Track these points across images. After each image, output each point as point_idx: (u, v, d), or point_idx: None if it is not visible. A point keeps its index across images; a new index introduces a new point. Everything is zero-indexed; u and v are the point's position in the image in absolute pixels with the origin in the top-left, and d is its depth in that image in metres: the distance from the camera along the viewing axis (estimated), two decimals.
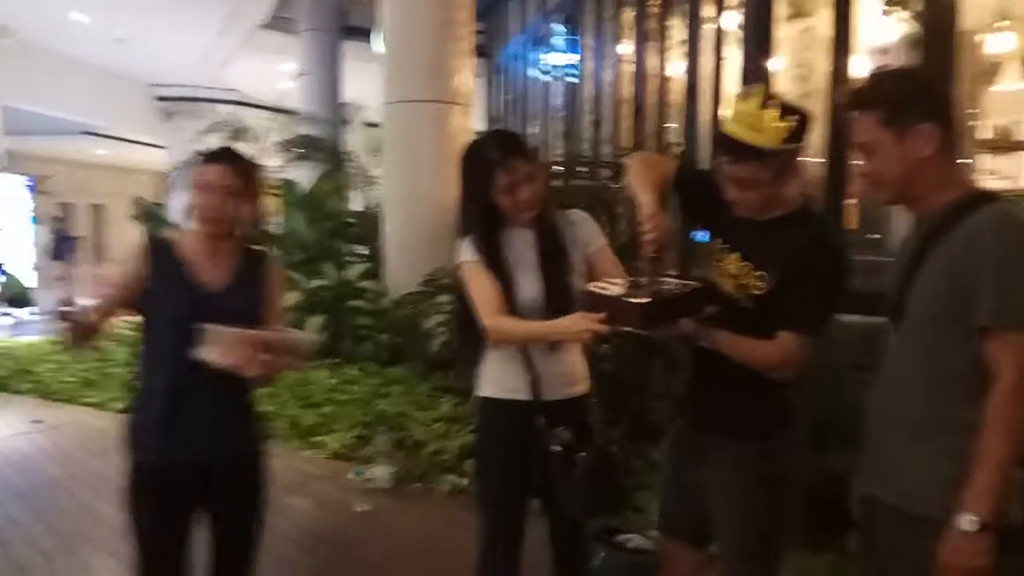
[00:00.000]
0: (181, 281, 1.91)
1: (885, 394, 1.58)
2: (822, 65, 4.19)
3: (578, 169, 5.82)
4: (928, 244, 1.47)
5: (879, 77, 1.62)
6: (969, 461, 1.37)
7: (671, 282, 1.79)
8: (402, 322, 6.12)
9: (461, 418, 4.64)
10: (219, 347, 1.79)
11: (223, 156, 1.98)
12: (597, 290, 1.79)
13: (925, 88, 1.55)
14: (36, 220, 11.73)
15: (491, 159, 1.94)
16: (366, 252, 7.93)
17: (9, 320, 10.93)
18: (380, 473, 4.20)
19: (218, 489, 1.98)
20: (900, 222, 4.17)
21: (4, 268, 11.11)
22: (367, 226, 8.16)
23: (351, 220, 8.38)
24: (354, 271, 6.92)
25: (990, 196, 1.50)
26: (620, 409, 3.47)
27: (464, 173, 2.04)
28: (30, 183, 11.52)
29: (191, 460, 1.91)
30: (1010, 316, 1.36)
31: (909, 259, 1.52)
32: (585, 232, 2.09)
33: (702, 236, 2.05)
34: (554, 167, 6.36)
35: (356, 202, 9.50)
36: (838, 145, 3.79)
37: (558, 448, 1.94)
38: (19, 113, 12.72)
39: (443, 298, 5.35)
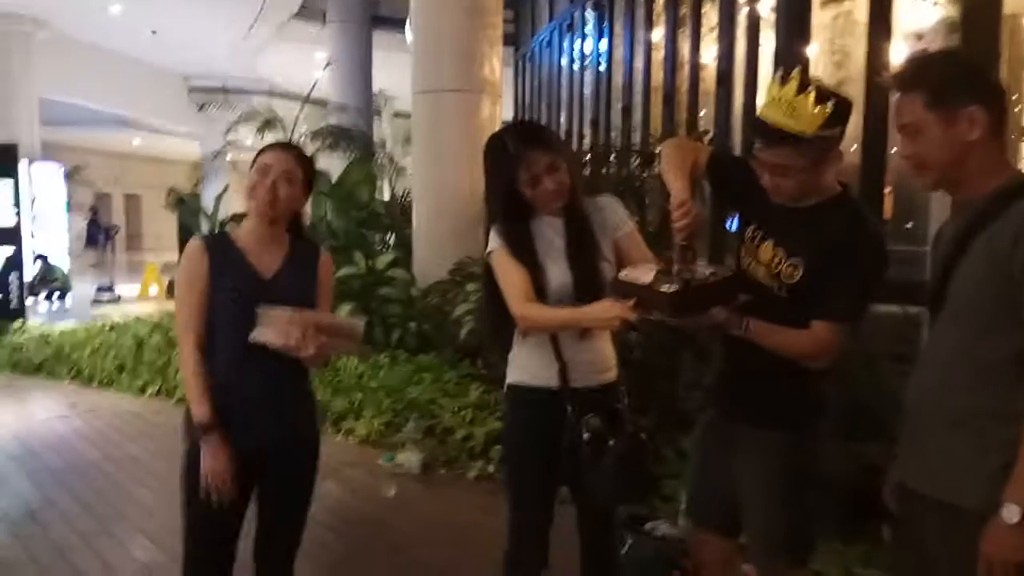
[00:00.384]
0: (237, 269, 1.95)
1: (925, 384, 1.54)
2: (858, 51, 4.11)
3: (608, 157, 5.78)
4: (972, 232, 1.43)
5: (926, 58, 1.56)
6: (1013, 452, 1.34)
7: (702, 270, 1.76)
8: (431, 310, 6.16)
9: (489, 405, 4.66)
10: (274, 328, 1.83)
11: (286, 146, 2.04)
12: (627, 278, 1.78)
13: (973, 70, 1.50)
14: (70, 208, 11.97)
15: (512, 152, 1.94)
16: (395, 241, 7.99)
17: (48, 306, 11.18)
18: (409, 459, 4.24)
19: (272, 472, 2.00)
20: (936, 212, 4.10)
21: (46, 257, 11.39)
22: (396, 215, 8.22)
23: (380, 210, 8.44)
24: (383, 260, 6.97)
25: None
26: (650, 397, 3.45)
27: (487, 166, 2.04)
28: (64, 171, 11.75)
29: (248, 445, 1.93)
30: None
31: (951, 247, 1.48)
32: (614, 217, 2.07)
33: (735, 224, 2.03)
34: (584, 156, 6.32)
35: (386, 192, 9.58)
36: (875, 132, 3.71)
37: (587, 435, 1.93)
38: (56, 104, 12.99)
39: (471, 287, 5.37)
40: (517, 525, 2.08)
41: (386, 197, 9.44)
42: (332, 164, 8.68)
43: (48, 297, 11.71)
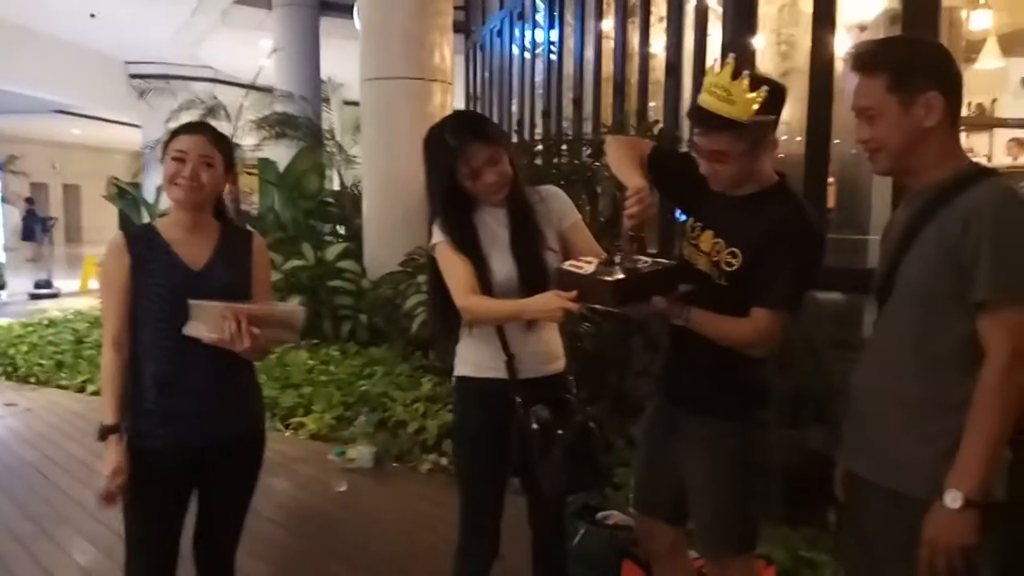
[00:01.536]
0: (164, 263, 1.87)
1: (871, 372, 1.56)
2: (804, 41, 4.17)
3: (560, 147, 5.78)
4: (923, 220, 1.44)
5: (889, 40, 1.55)
6: (956, 440, 1.36)
7: (646, 261, 1.77)
8: (382, 302, 6.09)
9: (441, 398, 4.64)
10: (207, 321, 1.76)
11: (198, 127, 1.96)
12: (571, 268, 1.77)
13: (935, 56, 1.49)
14: (5, 200, 11.49)
15: (451, 145, 1.92)
16: (345, 232, 7.88)
17: None
18: (361, 453, 4.19)
19: (211, 469, 1.95)
20: (878, 201, 4.20)
21: None
22: (346, 206, 8.10)
23: (329, 200, 8.30)
24: (333, 251, 6.86)
25: (988, 171, 1.47)
26: (599, 387, 3.47)
27: (427, 159, 2.01)
28: None
29: (186, 444, 1.88)
30: (1006, 292, 1.33)
31: (900, 235, 1.49)
32: (559, 207, 2.07)
33: (683, 216, 2.04)
34: (535, 145, 6.31)
35: (335, 182, 9.42)
36: (819, 122, 3.78)
37: (536, 426, 1.93)
38: None
39: (423, 278, 5.31)
40: (468, 516, 2.07)
41: (335, 187, 9.29)
42: (279, 153, 8.49)
43: None
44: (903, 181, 1.56)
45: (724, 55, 1.71)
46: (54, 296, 11.55)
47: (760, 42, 4.56)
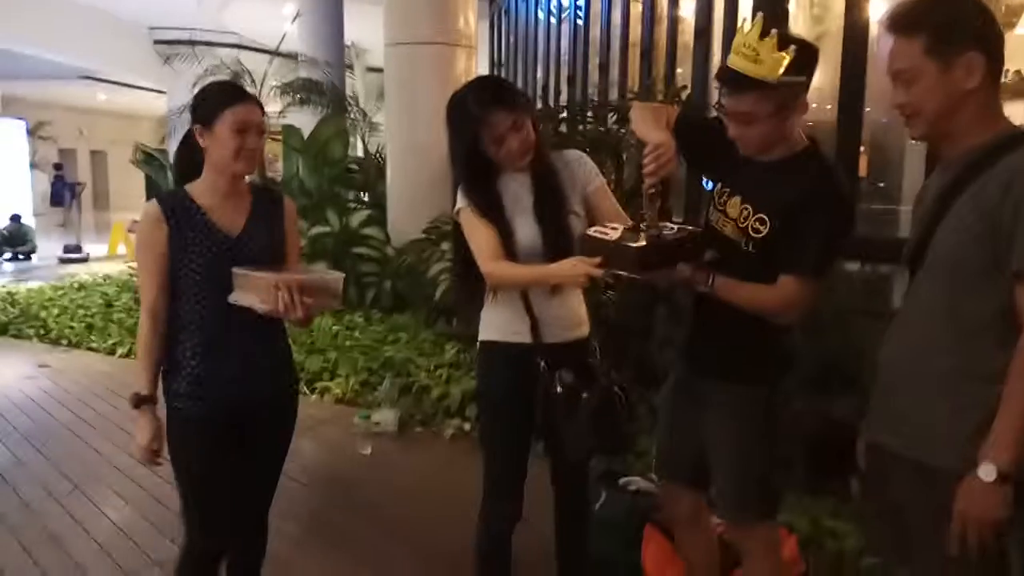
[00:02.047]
0: (202, 230, 1.85)
1: (902, 342, 1.52)
2: (838, 5, 4.06)
3: (585, 114, 5.71)
4: (960, 186, 1.39)
5: (927, 0, 1.48)
6: (991, 411, 1.33)
7: (671, 227, 1.76)
8: (406, 269, 6.11)
9: (464, 364, 4.67)
10: (257, 293, 1.76)
11: (247, 94, 1.89)
12: (595, 234, 1.76)
13: (975, 15, 1.40)
14: (33, 166, 11.65)
15: (474, 112, 1.90)
16: (369, 199, 7.88)
17: (11, 266, 10.94)
18: (385, 418, 4.24)
19: (251, 431, 1.97)
20: (911, 170, 4.12)
21: (19, 217, 11.07)
22: (370, 173, 8.09)
23: (353, 166, 8.30)
24: (357, 218, 6.87)
25: None
26: (623, 355, 3.47)
27: (449, 126, 2.00)
28: (26, 128, 11.37)
29: (227, 408, 1.90)
30: None
31: (936, 203, 1.44)
32: (582, 172, 2.05)
33: (705, 183, 2.01)
34: (560, 112, 6.23)
35: (359, 148, 9.40)
36: (851, 89, 3.69)
37: (560, 389, 1.93)
38: (14, 56, 12.50)
39: (446, 245, 5.32)
40: (492, 479, 2.09)
41: (359, 153, 9.28)
42: (303, 120, 8.48)
43: (14, 257, 11.46)
44: (940, 146, 1.51)
45: (754, 15, 1.67)
46: (83, 260, 11.74)
47: (792, 5, 4.44)
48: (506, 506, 2.08)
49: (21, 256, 11.75)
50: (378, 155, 8.45)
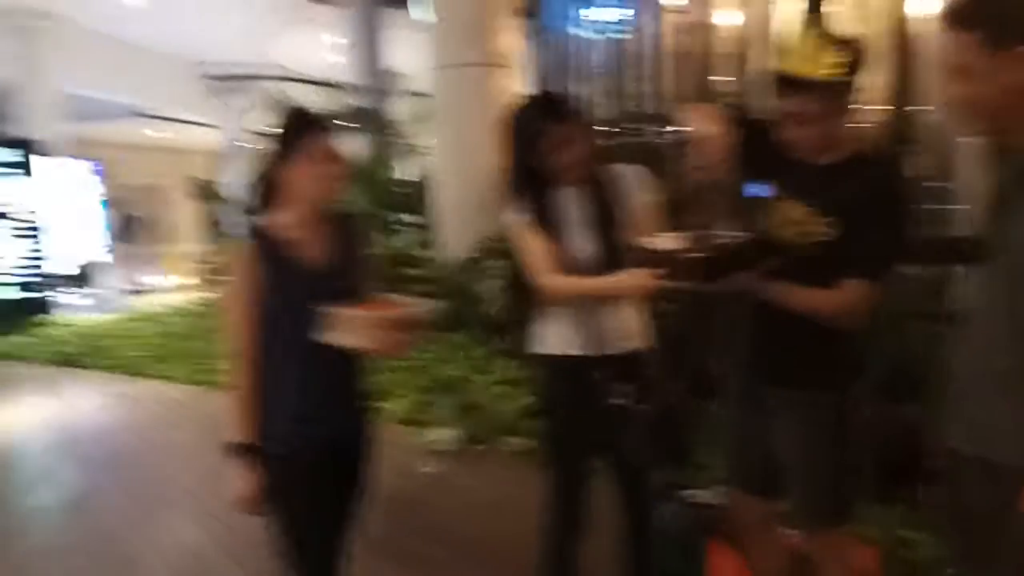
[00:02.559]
0: (293, 265, 1.81)
1: (967, 342, 1.51)
2: (883, 7, 4.02)
3: (626, 126, 5.73)
4: (1020, 181, 1.37)
5: None
6: None
7: (725, 234, 1.76)
8: (457, 289, 6.18)
9: (520, 381, 4.70)
10: (352, 331, 1.73)
11: (324, 122, 1.84)
12: (651, 245, 1.77)
13: None
14: (107, 203, 12.17)
15: (529, 126, 1.95)
16: (416, 220, 8.00)
17: (80, 299, 11.36)
18: (444, 436, 4.29)
19: (346, 464, 1.96)
20: (966, 170, 4.02)
21: (91, 251, 11.47)
22: (415, 195, 8.23)
23: (401, 189, 8.45)
24: (404, 239, 6.99)
25: None
26: (681, 365, 3.45)
27: (505, 140, 2.04)
28: (97, 168, 11.87)
29: (325, 446, 1.88)
30: None
31: (994, 199, 1.43)
32: (633, 184, 2.07)
33: (756, 190, 2.01)
34: (601, 125, 6.26)
35: (404, 171, 9.56)
36: (902, 89, 3.64)
37: (618, 401, 1.95)
38: (75, 99, 13.06)
39: (497, 263, 5.38)
40: (555, 493, 2.10)
41: (405, 176, 9.43)
42: (349, 146, 8.67)
43: (82, 292, 11.88)
44: (997, 142, 1.49)
45: (803, 18, 1.68)
46: (146, 292, 12.14)
47: (839, 6, 4.41)
48: (569, 520, 2.09)
49: (88, 291, 12.19)
50: (423, 177, 8.60)
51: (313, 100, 9.25)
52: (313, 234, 1.86)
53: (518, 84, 6.71)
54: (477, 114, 6.15)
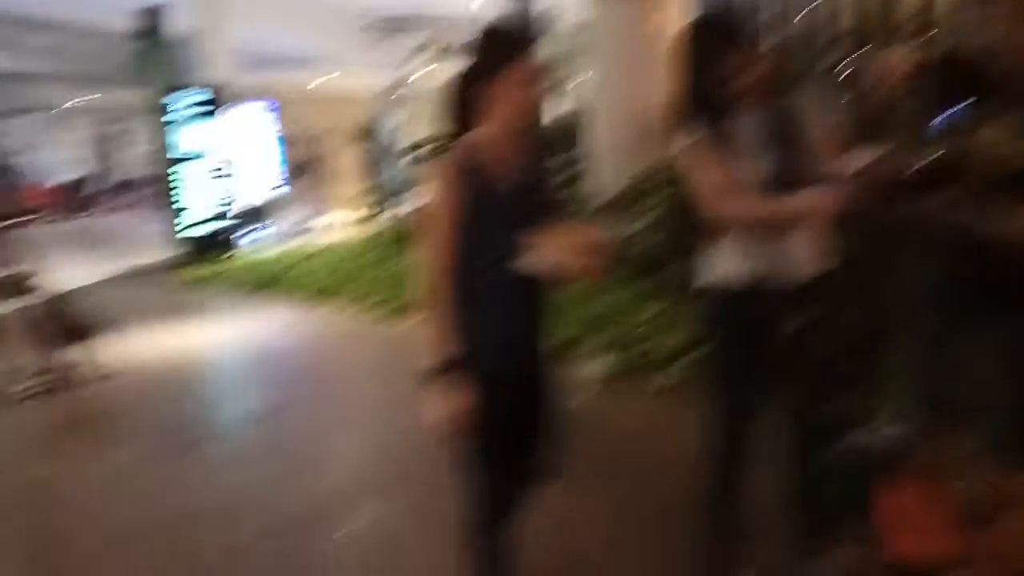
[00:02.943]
0: (492, 184, 1.80)
1: None
2: None
3: (811, 47, 5.36)
4: None
5: None
6: None
7: (921, 154, 1.65)
8: (609, 228, 6.14)
9: (670, 319, 4.66)
10: (549, 254, 1.74)
11: (530, 43, 1.79)
12: (840, 165, 1.70)
13: None
14: (283, 140, 13.03)
15: (708, 47, 1.89)
16: (567, 157, 7.97)
17: (261, 233, 12.29)
18: (592, 371, 4.35)
19: (540, 380, 2.01)
20: None
21: (272, 190, 12.39)
22: (567, 133, 8.17)
23: (554, 126, 8.41)
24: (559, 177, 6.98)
25: None
26: (859, 294, 3.26)
27: (684, 59, 1.97)
28: (274, 106, 12.69)
29: (529, 363, 1.94)
30: None
31: None
32: (815, 107, 1.98)
33: (955, 112, 1.85)
34: (784, 45, 5.90)
35: (554, 110, 9.49)
36: None
37: (788, 333, 1.89)
38: (251, 48, 13.99)
39: (651, 201, 5.29)
40: (719, 422, 2.09)
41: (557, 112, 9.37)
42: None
43: (262, 227, 12.84)
44: None
45: None
46: (320, 228, 12.95)
47: None
48: (735, 448, 2.08)
49: (269, 225, 13.13)
50: (573, 116, 8.50)
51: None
52: (513, 155, 1.84)
53: (679, 15, 6.45)
54: (634, 48, 5.99)
